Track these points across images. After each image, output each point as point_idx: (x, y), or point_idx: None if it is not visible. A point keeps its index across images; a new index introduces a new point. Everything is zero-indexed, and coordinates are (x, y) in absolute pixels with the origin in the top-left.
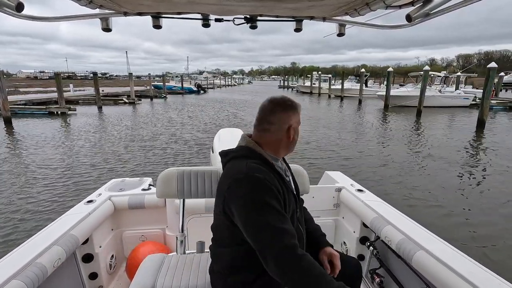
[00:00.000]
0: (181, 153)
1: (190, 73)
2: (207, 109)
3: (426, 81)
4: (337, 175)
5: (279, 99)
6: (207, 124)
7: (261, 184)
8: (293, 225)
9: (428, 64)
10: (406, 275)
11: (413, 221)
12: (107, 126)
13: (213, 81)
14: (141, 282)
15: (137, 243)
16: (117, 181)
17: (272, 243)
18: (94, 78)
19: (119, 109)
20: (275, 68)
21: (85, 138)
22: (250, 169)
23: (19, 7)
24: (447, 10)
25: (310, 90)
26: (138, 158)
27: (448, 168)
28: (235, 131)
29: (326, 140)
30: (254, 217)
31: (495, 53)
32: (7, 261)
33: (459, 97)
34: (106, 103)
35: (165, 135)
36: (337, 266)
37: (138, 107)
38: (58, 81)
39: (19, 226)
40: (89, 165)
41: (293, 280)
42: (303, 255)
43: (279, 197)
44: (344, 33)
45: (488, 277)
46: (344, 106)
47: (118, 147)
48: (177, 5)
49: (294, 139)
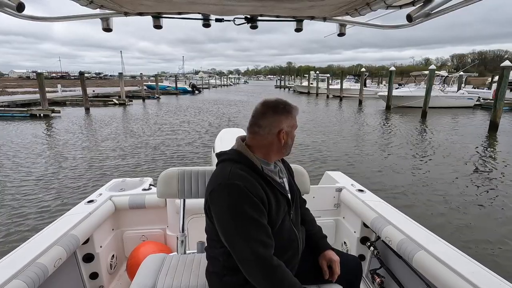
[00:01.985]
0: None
1: (186, 73)
2: (202, 114)
3: (432, 81)
4: (337, 175)
5: (271, 102)
6: (200, 133)
7: (241, 193)
8: (285, 228)
9: (423, 64)
10: (406, 275)
11: (413, 221)
12: (90, 131)
13: (208, 81)
14: (142, 282)
15: (137, 243)
16: (117, 181)
17: (247, 253)
18: (81, 78)
19: (108, 111)
20: (271, 68)
21: (56, 152)
22: (232, 175)
23: (20, 7)
24: (448, 10)
25: (307, 90)
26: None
27: (474, 180)
28: (236, 131)
29: (326, 151)
30: (231, 226)
31: (488, 53)
32: (8, 261)
33: (463, 98)
34: (95, 104)
35: (147, 148)
36: (336, 272)
37: (129, 108)
38: (41, 81)
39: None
40: (46, 189)
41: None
42: (277, 266)
43: (260, 206)
44: (345, 33)
45: (489, 277)
46: (343, 107)
47: (92, 161)
48: (177, 5)
49: (286, 143)
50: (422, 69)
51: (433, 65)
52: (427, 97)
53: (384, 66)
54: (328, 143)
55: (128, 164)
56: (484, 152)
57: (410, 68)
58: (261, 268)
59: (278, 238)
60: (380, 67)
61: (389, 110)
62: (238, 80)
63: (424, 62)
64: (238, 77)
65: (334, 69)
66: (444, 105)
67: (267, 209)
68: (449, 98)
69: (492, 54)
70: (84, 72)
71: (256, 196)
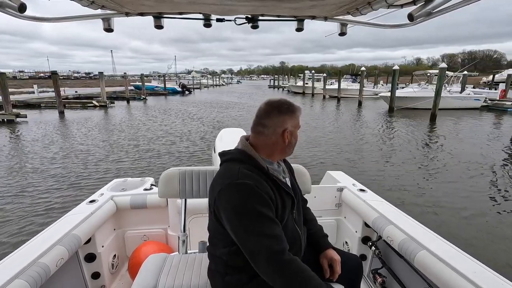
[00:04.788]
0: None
1: (178, 72)
2: (187, 122)
3: (442, 81)
4: (339, 174)
5: (276, 102)
6: (181, 151)
7: (251, 191)
8: (288, 227)
9: (415, 64)
10: (408, 275)
11: (415, 221)
12: (52, 143)
13: (200, 80)
14: (143, 282)
15: (139, 243)
16: (119, 181)
17: (261, 249)
18: (53, 78)
19: (85, 115)
20: (264, 68)
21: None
22: (242, 175)
23: (22, 8)
24: (449, 9)
25: (302, 90)
26: (64, 204)
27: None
28: (237, 131)
29: (324, 164)
30: (243, 224)
31: (478, 53)
32: (10, 261)
33: (469, 98)
34: (73, 106)
35: (113, 171)
36: (337, 272)
37: (110, 111)
38: (3, 82)
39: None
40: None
41: (281, 284)
42: (291, 260)
43: (270, 204)
44: (346, 33)
45: (491, 277)
46: (342, 109)
47: (46, 181)
48: (178, 5)
49: (290, 143)
50: (414, 69)
51: (425, 64)
52: (437, 99)
53: (376, 66)
54: (325, 159)
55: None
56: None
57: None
58: (277, 262)
59: None
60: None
61: (392, 112)
62: (231, 80)
63: (415, 62)
64: (231, 77)
65: (327, 68)
66: (449, 107)
67: (274, 208)
68: (455, 99)
69: (482, 54)
70: (57, 72)
71: (266, 194)
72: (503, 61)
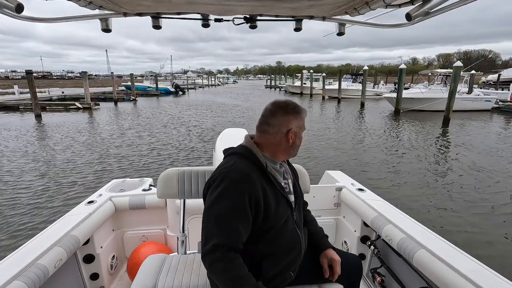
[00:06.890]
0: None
1: (175, 72)
2: (178, 128)
3: (457, 81)
4: (337, 174)
5: (282, 103)
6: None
7: (236, 183)
8: (288, 228)
9: (410, 63)
10: (407, 274)
11: (414, 220)
12: (16, 154)
13: (194, 80)
14: (142, 283)
15: (138, 244)
16: (117, 182)
17: (216, 234)
18: (28, 78)
19: (65, 118)
20: (261, 67)
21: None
22: (234, 167)
23: (19, 8)
24: (446, 9)
25: (300, 90)
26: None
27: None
28: (238, 131)
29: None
30: (215, 207)
31: (473, 53)
32: (8, 262)
33: (480, 100)
34: (54, 109)
35: (84, 186)
36: (336, 272)
37: (95, 114)
38: None
39: None
40: None
41: (215, 276)
42: (234, 258)
43: (252, 200)
44: (344, 32)
45: (490, 275)
46: (343, 111)
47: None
48: (176, 6)
49: (294, 143)
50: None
51: (421, 64)
52: (451, 101)
53: (373, 65)
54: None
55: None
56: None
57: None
58: (218, 254)
59: (281, 239)
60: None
61: (398, 114)
62: (227, 80)
63: (412, 61)
64: (227, 77)
65: (324, 68)
66: (459, 108)
67: (264, 208)
68: (465, 100)
69: (477, 54)
70: (32, 71)
71: (251, 189)
72: (498, 61)
